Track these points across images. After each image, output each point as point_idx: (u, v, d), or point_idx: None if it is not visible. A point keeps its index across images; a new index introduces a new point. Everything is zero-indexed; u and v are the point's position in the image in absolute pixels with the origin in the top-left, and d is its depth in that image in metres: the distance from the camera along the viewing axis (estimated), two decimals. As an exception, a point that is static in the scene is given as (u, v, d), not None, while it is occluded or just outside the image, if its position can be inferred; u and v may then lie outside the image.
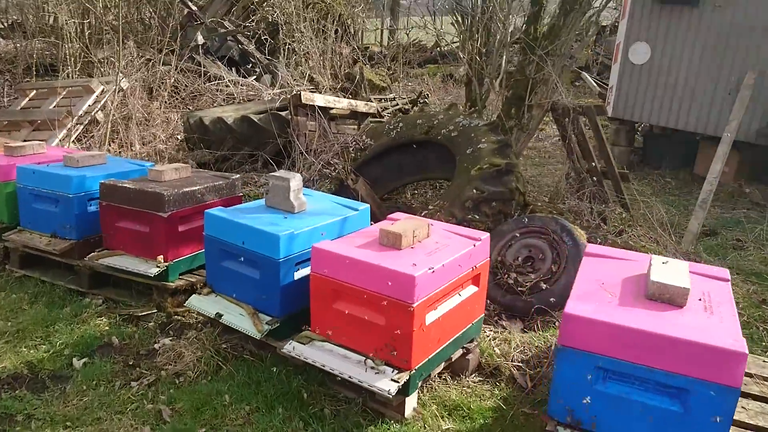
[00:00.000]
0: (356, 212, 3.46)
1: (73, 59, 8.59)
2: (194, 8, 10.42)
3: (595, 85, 10.08)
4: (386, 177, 5.91)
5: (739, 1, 6.97)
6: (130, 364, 3.38)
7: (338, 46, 11.39)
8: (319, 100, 6.55)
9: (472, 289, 3.10)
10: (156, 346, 3.54)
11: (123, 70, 7.65)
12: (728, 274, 2.55)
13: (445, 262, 2.76)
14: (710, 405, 2.02)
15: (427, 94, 11.11)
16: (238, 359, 3.34)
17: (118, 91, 7.39)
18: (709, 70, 7.30)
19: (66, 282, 4.16)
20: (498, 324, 3.81)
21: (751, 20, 6.91)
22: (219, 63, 9.61)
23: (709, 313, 2.21)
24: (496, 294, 3.95)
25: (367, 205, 3.54)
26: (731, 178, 7.49)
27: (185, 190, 3.85)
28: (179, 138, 7.78)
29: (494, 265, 4.02)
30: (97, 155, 4.42)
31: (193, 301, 3.36)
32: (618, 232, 4.88)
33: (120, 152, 7.17)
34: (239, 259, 3.20)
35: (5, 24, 10.82)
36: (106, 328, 3.71)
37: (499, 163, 4.67)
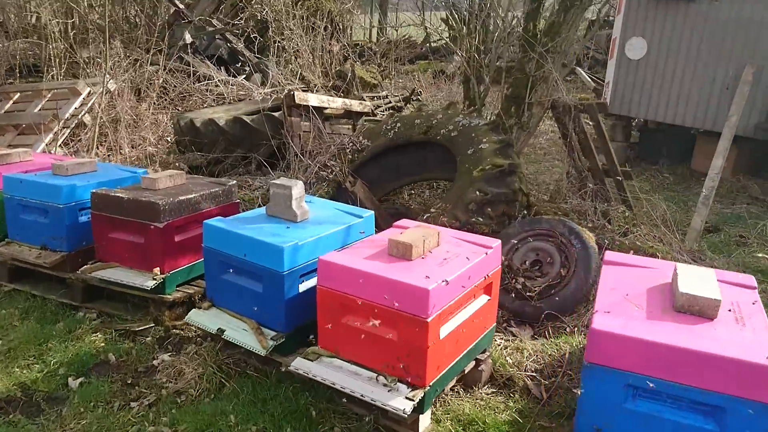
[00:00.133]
0: (360, 219, 3.33)
1: (57, 60, 8.38)
2: (181, 6, 10.21)
3: (590, 80, 10.00)
4: (384, 178, 5.79)
5: (736, -6, 6.91)
6: (129, 382, 3.24)
7: (328, 44, 11.23)
8: (313, 100, 6.41)
9: (484, 299, 2.99)
10: (155, 362, 3.41)
11: (110, 70, 7.45)
12: (755, 281, 2.46)
13: (458, 273, 2.65)
14: (748, 424, 1.92)
15: (420, 92, 10.99)
16: (242, 375, 3.21)
17: (106, 93, 7.20)
18: (706, 65, 7.23)
19: (58, 296, 4.01)
20: (507, 330, 3.71)
21: (748, 14, 6.84)
22: (208, 62, 9.42)
23: (741, 325, 2.11)
24: (505, 299, 3.84)
25: (371, 212, 3.42)
26: (729, 173, 7.45)
27: (181, 198, 3.70)
28: (169, 140, 7.61)
29: (501, 270, 3.91)
30: (86, 162, 4.26)
31: (193, 316, 3.22)
32: (623, 232, 4.79)
33: (109, 156, 6.99)
34: (241, 272, 3.07)
35: (-14, 24, 10.55)
36: (102, 345, 3.56)
37: (501, 164, 4.57)
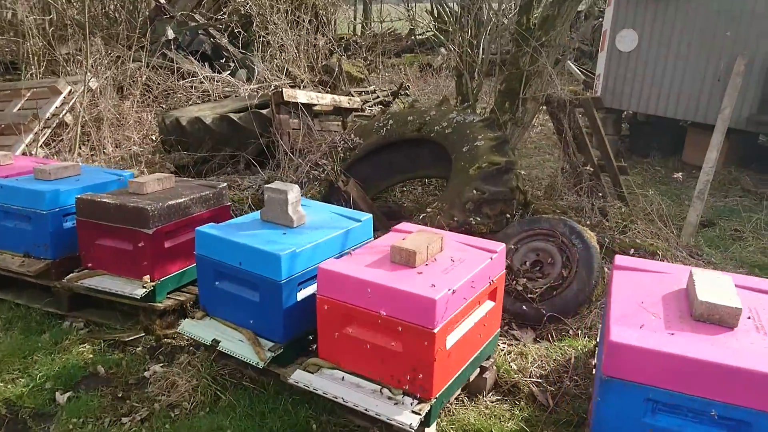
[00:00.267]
0: (359, 223, 3.22)
1: (36, 58, 8.14)
2: (162, 1, 9.99)
3: (579, 72, 9.94)
4: (376, 176, 5.68)
5: (727, -15, 6.86)
6: (120, 396, 3.11)
7: (313, 38, 11.07)
8: (302, 96, 6.27)
9: (489, 305, 2.90)
10: (146, 374, 3.28)
11: (91, 68, 7.24)
12: (771, 285, 2.39)
13: (464, 281, 2.55)
14: (773, 438, 1.85)
15: (408, 86, 10.87)
16: (238, 387, 3.09)
17: (87, 91, 7.00)
18: (697, 57, 7.19)
19: (43, 305, 3.86)
20: (509, 334, 3.63)
21: (739, 5, 6.80)
22: (191, 58, 9.22)
23: (762, 334, 2.04)
24: (505, 301, 3.75)
25: (370, 216, 3.31)
26: (721, 166, 7.42)
27: (170, 203, 3.57)
28: (154, 139, 7.43)
29: (501, 272, 3.83)
30: (70, 166, 4.10)
31: (186, 327, 3.10)
32: (621, 230, 4.73)
33: (92, 156, 6.80)
34: (236, 281, 2.94)
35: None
36: (90, 356, 3.42)
37: (498, 162, 4.47)
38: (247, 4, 10.45)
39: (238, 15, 10.72)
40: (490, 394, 3.07)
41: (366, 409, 2.48)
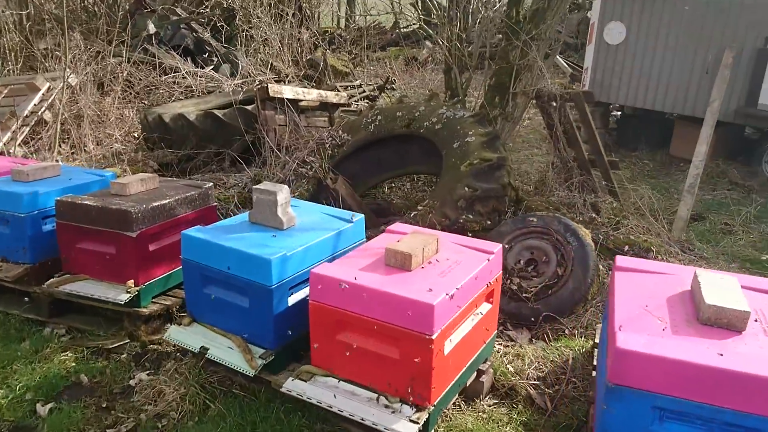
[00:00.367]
0: (350, 224, 3.12)
1: (13, 53, 7.92)
2: (143, -6, 9.79)
3: (566, 65, 9.89)
4: (365, 173, 5.58)
5: (715, -23, 6.84)
6: (104, 406, 2.99)
7: (297, 31, 10.92)
8: (288, 92, 6.14)
9: (486, 307, 2.83)
10: (131, 382, 3.17)
11: (70, 64, 7.05)
12: (774, 285, 2.34)
13: (461, 284, 2.47)
14: (786, 446, 1.79)
15: (394, 80, 10.76)
16: (228, 395, 2.99)
17: (66, 88, 6.81)
18: (685, 49, 7.17)
19: (22, 311, 3.72)
20: (504, 334, 3.56)
21: (727, -3, 6.79)
22: (173, 53, 9.02)
23: (771, 338, 1.98)
24: (500, 301, 3.67)
25: (362, 216, 3.21)
26: (708, 159, 7.41)
27: (154, 204, 3.44)
28: (137, 136, 7.26)
29: (495, 271, 3.76)
30: (49, 167, 3.96)
31: (173, 334, 2.99)
32: (614, 225, 4.68)
33: (72, 154, 6.63)
34: (224, 286, 2.84)
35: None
36: (73, 365, 3.30)
37: (490, 158, 4.40)
38: (230, -3, 10.27)
39: (220, 8, 10.53)
40: (487, 398, 3.00)
41: (362, 419, 2.40)
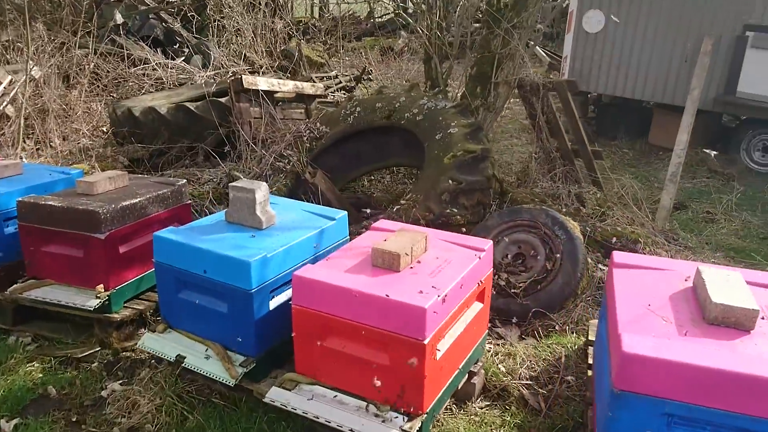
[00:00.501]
0: (333, 222, 2.98)
1: (-28, 46, 7.57)
2: (109, -17, 9.43)
3: (545, 55, 9.82)
4: (344, 166, 5.43)
5: (693, -35, 6.79)
6: (74, 420, 2.82)
7: (270, 21, 10.68)
8: (263, 84, 5.94)
9: (477, 307, 2.71)
10: (103, 393, 2.99)
11: (33, 56, 6.74)
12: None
13: (453, 284, 2.35)
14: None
15: (371, 70, 10.59)
16: (207, 405, 2.83)
17: (30, 81, 6.51)
18: (664, 37, 7.13)
19: (-16, 319, 3.50)
20: (493, 331, 3.46)
21: (706, -16, 6.76)
22: (142, 44, 8.73)
23: (780, 337, 1.89)
24: (488, 298, 3.58)
25: (344, 213, 3.07)
26: (687, 147, 7.41)
27: (124, 204, 3.25)
28: (106, 131, 6.99)
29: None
30: (11, 164, 3.73)
31: (147, 342, 2.81)
32: (600, 216, 4.61)
33: (37, 150, 6.34)
34: (201, 291, 2.67)
35: None
36: (40, 376, 3.10)
37: (473, 150, 4.28)
38: (200, -14, 9.97)
39: (190, -2, 10.22)
40: (479, 400, 2.89)
41: (351, 429, 2.26)
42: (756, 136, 7.14)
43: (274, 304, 2.65)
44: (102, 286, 3.19)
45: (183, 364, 2.68)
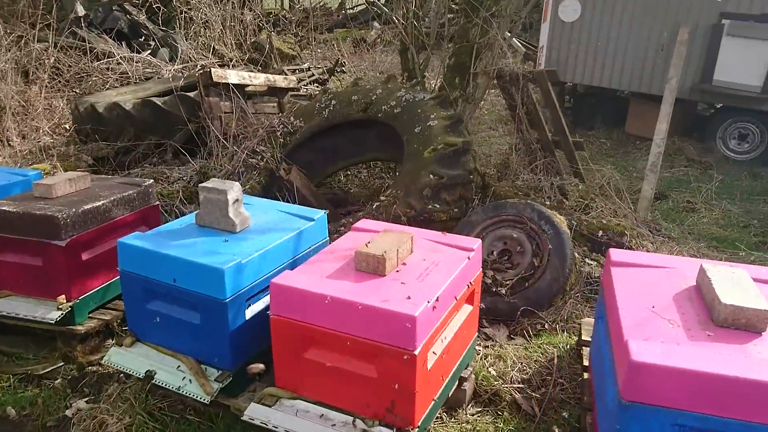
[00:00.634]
0: (312, 222, 2.80)
1: None
2: (69, -26, 9.04)
3: (520, 45, 9.71)
4: (320, 162, 5.24)
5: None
6: (36, 443, 2.61)
7: (239, 13, 10.39)
8: (233, 77, 5.71)
9: (467, 310, 2.57)
10: (68, 412, 2.78)
11: (-12, 51, 6.41)
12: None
13: (443, 288, 2.20)
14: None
15: (344, 62, 10.39)
16: (180, 422, 2.65)
17: (-15, 77, 6.19)
18: (640, 26, 7.07)
19: (-64, 335, 3.25)
20: (480, 331, 3.32)
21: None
22: (106, 37, 8.39)
23: (793, 338, 1.79)
24: (474, 297, 3.44)
25: (323, 213, 2.90)
26: (665, 136, 7.39)
27: (86, 207, 3.03)
28: (68, 128, 6.68)
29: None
30: (-39, 167, 3.47)
31: (113, 357, 2.61)
32: (584, 209, 4.51)
33: (-6, 150, 6.03)
34: (171, 301, 2.48)
35: None
36: (-2, 395, 2.89)
37: (454, 143, 4.13)
38: (166, -24, 9.64)
39: (156, -12, 9.87)
40: (470, 406, 2.76)
41: (338, 448, 2.11)
42: (732, 124, 7.14)
43: (250, 313, 2.47)
44: (64, 296, 2.97)
45: (153, 381, 2.49)
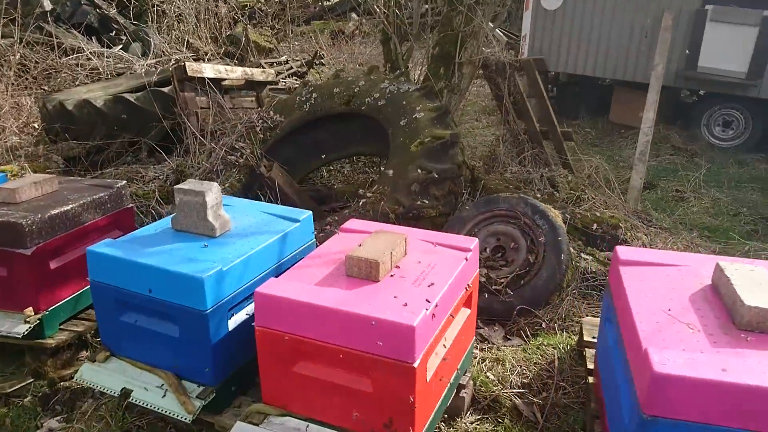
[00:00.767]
0: (297, 224, 2.63)
1: None
2: (34, -34, 8.69)
3: (501, 34, 9.57)
4: (301, 158, 5.06)
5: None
6: (4, 469, 2.42)
7: (214, 5, 10.13)
8: (209, 71, 5.50)
9: (465, 313, 2.42)
10: (39, 433, 2.59)
11: (-51, 47, 6.10)
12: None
13: (441, 294, 2.05)
14: None
15: (323, 54, 10.17)
16: (161, 441, 2.47)
17: (-54, 75, 5.89)
18: (623, 13, 6.97)
19: None
20: (475, 332, 3.18)
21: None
22: (75, 32, 8.08)
23: (821, 341, 1.67)
24: (467, 296, 3.30)
25: (309, 213, 2.73)
26: (649, 124, 7.32)
27: (53, 212, 2.83)
28: (37, 127, 6.40)
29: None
30: None
31: (86, 374, 2.42)
32: (575, 201, 4.40)
33: (-42, 152, 5.74)
34: (147, 313, 2.30)
35: None
36: (-38, 417, 2.68)
37: (442, 135, 3.98)
38: (137, -32, 9.32)
39: (126, -19, 9.55)
40: (469, 414, 2.62)
41: (332, 469, 1.95)
42: (716, 111, 7.09)
43: (233, 323, 2.30)
44: (31, 308, 2.76)
45: (129, 399, 2.30)
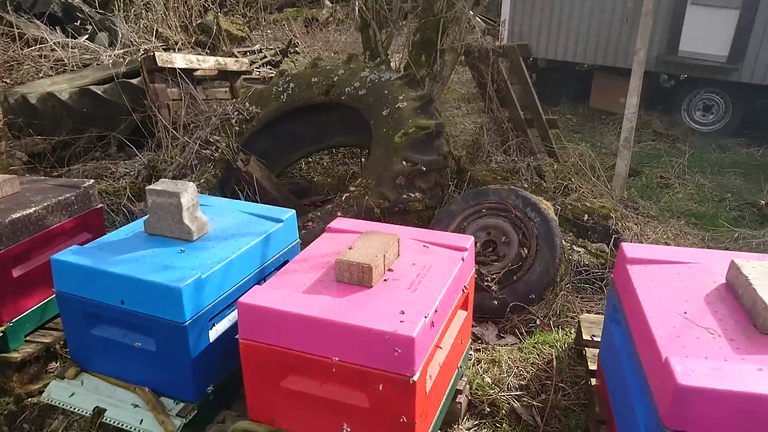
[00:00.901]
0: (280, 224, 2.47)
1: None
2: (-8, -47, 8.29)
3: (479, 20, 9.42)
4: (279, 151, 4.88)
5: None
6: (-33, 498, 2.23)
7: (183, -8, 9.81)
8: (180, 61, 5.26)
9: (462, 316, 2.29)
10: (5, 456, 2.40)
11: None
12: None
13: (439, 299, 1.91)
14: None
15: (297, 43, 9.93)
16: (139, 461, 2.30)
17: None
18: (604, -3, 6.88)
19: None
20: (467, 332, 3.06)
21: (644, -60, 6.50)
22: (37, 22, 7.73)
23: None
24: (458, 293, 3.17)
25: (293, 212, 2.56)
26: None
27: (14, 216, 2.61)
28: (-2, 123, 6.10)
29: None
30: None
31: (54, 392, 2.24)
32: (563, 191, 4.29)
33: None
34: (120, 325, 2.12)
35: None
36: None
37: (427, 125, 3.84)
38: (100, -45, 8.96)
39: (90, -32, 9.18)
40: (466, 420, 2.49)
41: (326, 491, 1.81)
42: (697, 95, 7.06)
43: (214, 334, 2.14)
44: (-7, 321, 2.56)
45: (103, 420, 2.13)
